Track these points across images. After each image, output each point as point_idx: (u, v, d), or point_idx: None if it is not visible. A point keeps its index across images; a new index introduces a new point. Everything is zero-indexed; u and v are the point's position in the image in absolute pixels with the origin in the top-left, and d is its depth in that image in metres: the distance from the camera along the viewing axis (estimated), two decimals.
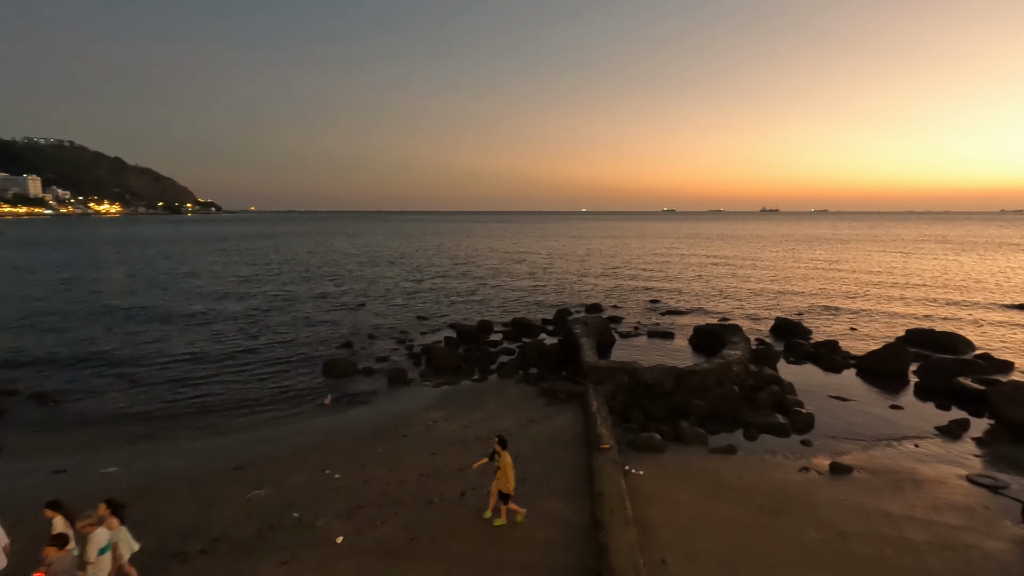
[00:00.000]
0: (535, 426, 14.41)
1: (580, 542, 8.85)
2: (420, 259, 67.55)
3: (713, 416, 15.09)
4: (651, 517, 9.61)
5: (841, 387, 18.39)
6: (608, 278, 48.63)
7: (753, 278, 49.12)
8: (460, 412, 15.66)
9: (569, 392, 16.61)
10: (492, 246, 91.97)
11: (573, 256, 72.35)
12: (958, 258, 68.75)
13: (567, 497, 10.41)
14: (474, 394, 17.56)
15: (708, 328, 24.22)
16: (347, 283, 44.73)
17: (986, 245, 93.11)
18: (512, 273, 52.52)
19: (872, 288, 42.48)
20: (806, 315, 31.09)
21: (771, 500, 10.51)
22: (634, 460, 12.03)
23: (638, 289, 41.64)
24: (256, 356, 22.33)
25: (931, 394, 17.61)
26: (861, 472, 11.90)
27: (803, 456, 12.85)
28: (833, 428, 14.69)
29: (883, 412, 16.18)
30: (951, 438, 14.09)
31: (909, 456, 12.95)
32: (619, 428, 13.91)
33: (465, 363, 20.79)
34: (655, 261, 65.20)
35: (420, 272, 53.19)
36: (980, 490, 11.19)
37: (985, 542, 9.23)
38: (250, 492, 10.78)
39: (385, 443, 13.37)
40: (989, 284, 44.51)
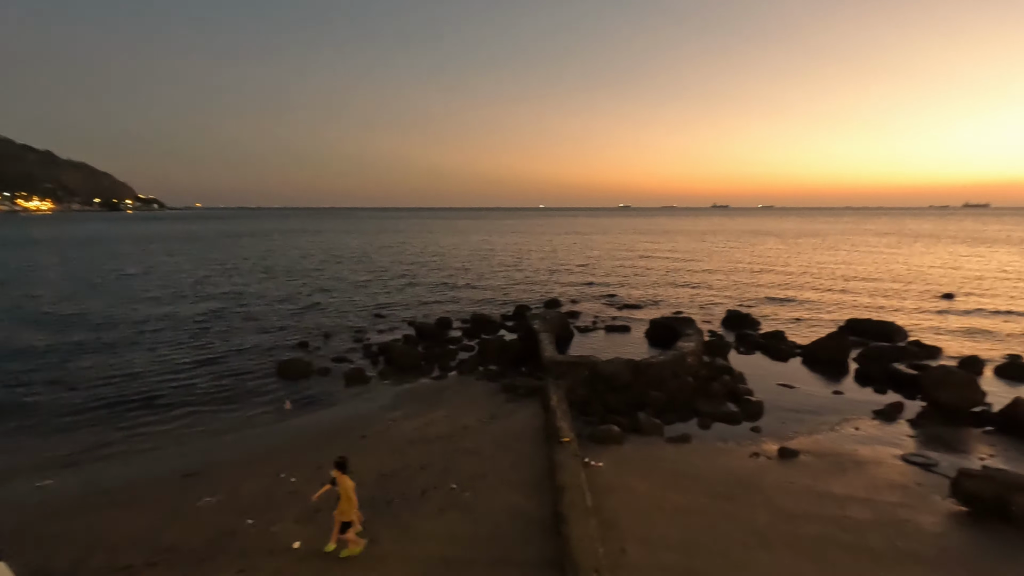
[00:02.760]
0: (496, 422, 14.45)
1: (543, 535, 8.93)
2: (379, 256, 66.33)
3: (669, 407, 15.50)
4: (611, 508, 9.80)
5: (788, 375, 19.23)
6: (566, 274, 49.16)
7: (705, 272, 50.64)
8: (420, 410, 15.52)
9: (529, 387, 16.72)
10: (453, 242, 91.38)
11: (531, 252, 72.68)
12: (894, 251, 72.98)
13: (529, 491, 10.49)
14: (434, 392, 17.44)
15: (663, 321, 24.83)
16: (303, 282, 43.42)
17: (919, 239, 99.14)
18: (472, 270, 52.35)
19: (815, 280, 44.55)
20: (755, 307, 32.30)
21: (724, 486, 10.89)
22: (594, 452, 12.23)
23: (596, 284, 42.26)
24: (208, 360, 21.32)
25: (869, 379, 18.62)
26: (807, 456, 12.47)
27: (754, 442, 13.37)
28: (781, 414, 15.34)
29: (826, 398, 17.02)
30: (887, 420, 14.96)
31: (850, 439, 13.67)
32: (579, 421, 14.10)
33: (424, 361, 20.61)
34: (612, 256, 66.30)
35: (379, 270, 52.25)
36: (914, 468, 11.93)
37: (919, 517, 9.85)
38: (201, 500, 10.37)
39: (343, 444, 13.08)
40: (921, 276, 47.39)
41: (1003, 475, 10.19)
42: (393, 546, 8.74)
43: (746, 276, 47.42)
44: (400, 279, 45.37)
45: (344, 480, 8.17)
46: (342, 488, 8.13)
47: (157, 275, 47.36)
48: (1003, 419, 14.21)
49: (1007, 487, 9.70)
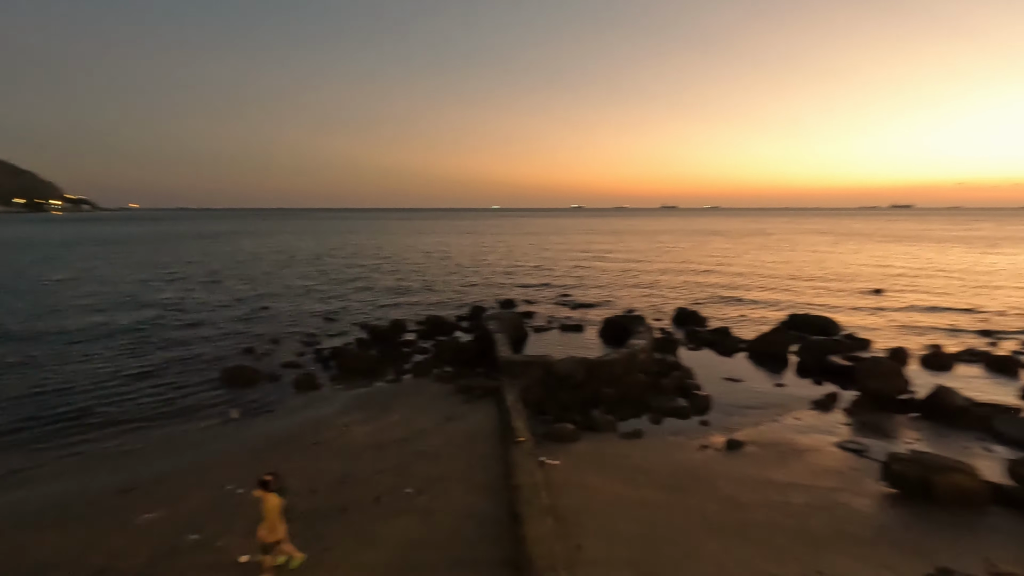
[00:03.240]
0: (452, 424, 14.38)
1: (501, 535, 8.95)
2: (332, 259, 64.58)
3: (622, 403, 15.83)
4: (567, 505, 9.92)
5: (734, 369, 20.01)
6: (521, 274, 49.45)
7: (656, 271, 52.03)
8: (375, 415, 15.27)
9: (485, 388, 16.73)
10: (408, 244, 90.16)
11: (487, 253, 72.69)
12: (829, 250, 77.11)
13: (486, 492, 10.49)
14: (389, 395, 17.19)
15: (615, 320, 25.36)
16: (250, 286, 41.62)
17: (851, 238, 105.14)
18: (427, 271, 51.85)
19: (759, 278, 46.54)
20: (703, 305, 33.41)
21: (676, 479, 11.23)
22: (549, 451, 12.35)
23: (550, 284, 42.69)
24: (146, 371, 20.02)
25: (808, 372, 19.61)
26: (752, 446, 13.02)
27: (703, 435, 13.84)
28: (728, 407, 15.94)
29: (769, 390, 17.82)
30: (824, 410, 15.81)
31: (791, 428, 14.36)
32: (534, 420, 14.19)
33: (378, 364, 20.27)
34: (566, 257, 67.13)
35: (331, 272, 50.90)
36: (848, 454, 12.66)
37: (854, 500, 10.46)
38: (140, 517, 9.84)
39: (294, 452, 12.73)
40: (853, 272, 50.28)
41: (927, 457, 10.95)
42: (347, 553, 8.56)
43: (694, 275, 49.02)
44: (353, 282, 44.38)
45: (269, 499, 7.63)
46: (266, 507, 7.60)
47: (88, 281, 44.32)
48: (927, 405, 15.27)
49: (930, 468, 10.44)
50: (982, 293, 37.94)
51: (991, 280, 44.56)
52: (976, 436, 13.71)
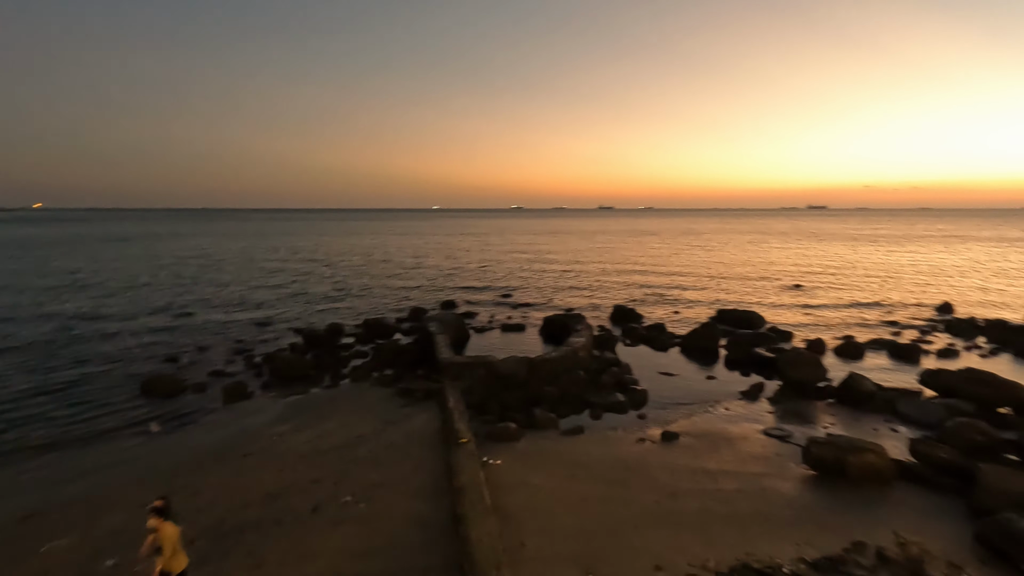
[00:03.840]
0: (393, 428, 14.09)
1: (444, 539, 8.85)
2: (265, 261, 61.62)
3: (563, 400, 16.06)
4: (509, 504, 9.95)
5: (668, 364, 20.77)
6: (462, 275, 49.21)
7: (594, 270, 53.20)
8: (311, 422, 14.72)
9: (426, 390, 16.52)
10: (347, 245, 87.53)
11: (427, 254, 71.83)
12: (754, 248, 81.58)
13: (429, 496, 10.35)
14: (326, 402, 16.63)
15: (555, 319, 25.73)
16: (174, 291, 38.91)
17: (773, 236, 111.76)
18: (366, 273, 50.55)
19: (691, 275, 48.59)
20: (639, 302, 34.49)
21: (615, 472, 11.51)
22: (492, 451, 12.35)
23: (491, 285, 42.74)
24: (55, 387, 18.23)
25: (736, 364, 20.65)
26: (686, 437, 13.54)
27: (640, 429, 14.26)
28: (663, 401, 16.52)
29: (701, 383, 18.61)
30: (751, 400, 16.69)
31: (722, 419, 15.07)
32: (477, 421, 14.15)
33: (314, 370, 19.57)
34: (507, 257, 67.43)
35: (264, 275, 48.51)
36: (773, 440, 13.42)
37: (779, 483, 11.11)
38: (46, 544, 9.01)
39: (223, 465, 12.07)
40: (776, 269, 53.46)
41: (842, 440, 11.79)
42: (282, 569, 8.20)
43: (631, 274, 50.50)
44: (288, 285, 42.56)
45: (165, 528, 6.90)
46: (162, 537, 6.86)
47: None
48: (841, 392, 16.44)
49: (844, 450, 11.25)
50: (887, 287, 41.35)
51: (895, 275, 48.67)
52: (883, 418, 14.91)
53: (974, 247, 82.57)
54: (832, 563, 8.23)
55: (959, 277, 47.27)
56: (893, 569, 8.10)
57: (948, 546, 8.81)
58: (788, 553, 8.52)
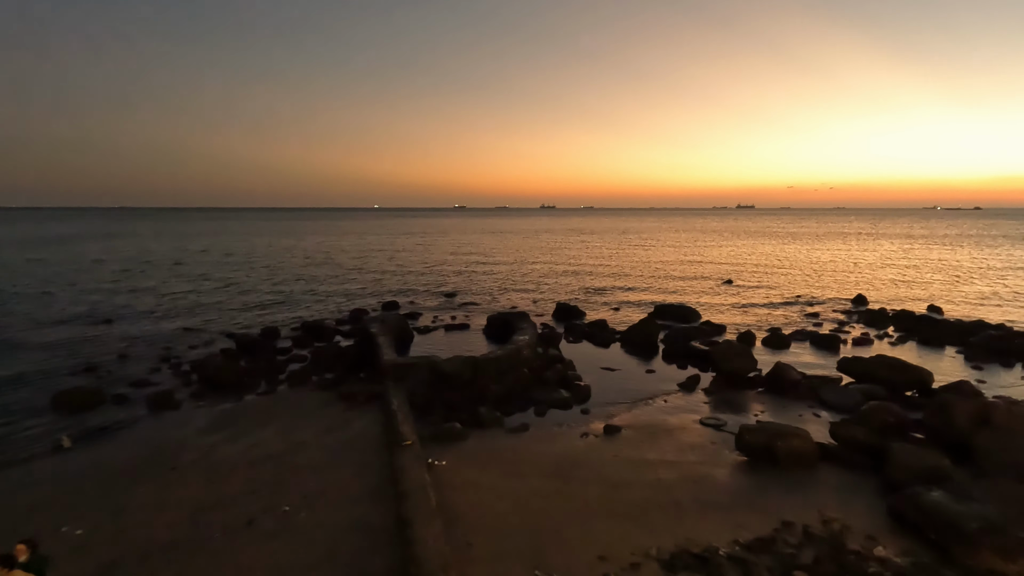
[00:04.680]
0: (334, 433, 13.66)
1: (388, 544, 8.66)
2: (196, 263, 57.91)
3: (508, 398, 16.11)
4: (456, 504, 9.88)
5: (610, 359, 21.27)
6: (404, 275, 48.42)
7: (537, 268, 53.72)
8: (246, 431, 14.02)
9: (368, 393, 16.12)
10: (285, 245, 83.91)
11: (369, 254, 70.17)
12: (689, 245, 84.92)
13: (373, 501, 10.10)
14: (262, 409, 15.88)
15: (499, 317, 25.78)
16: (94, 297, 35.95)
17: (706, 235, 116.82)
18: (305, 274, 48.74)
19: (630, 272, 50.00)
20: (581, 299, 35.12)
21: (560, 467, 11.66)
22: (437, 452, 12.21)
23: (434, 284, 42.29)
24: None
25: (674, 357, 21.40)
26: (628, 430, 13.90)
27: (584, 424, 14.51)
28: (606, 395, 16.87)
29: (641, 376, 19.17)
30: (688, 391, 17.35)
31: (661, 410, 15.57)
32: (421, 422, 13.95)
33: (248, 376, 18.64)
34: (450, 256, 66.94)
35: (195, 278, 45.63)
36: (709, 429, 14.01)
37: (714, 470, 11.60)
38: None
39: (148, 480, 11.29)
40: (709, 265, 55.87)
41: (770, 426, 12.47)
42: None
43: (573, 271, 51.37)
44: (219, 289, 40.28)
45: None
46: None
47: None
48: (769, 381, 17.38)
49: (773, 436, 11.90)
50: (810, 281, 44.12)
51: (816, 269, 51.99)
52: (807, 404, 15.87)
53: (885, 243, 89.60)
54: (764, 543, 8.69)
55: (871, 271, 51.12)
56: (818, 545, 8.65)
57: (865, 520, 9.50)
58: (724, 536, 8.92)
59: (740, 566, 8.03)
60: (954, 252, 71.30)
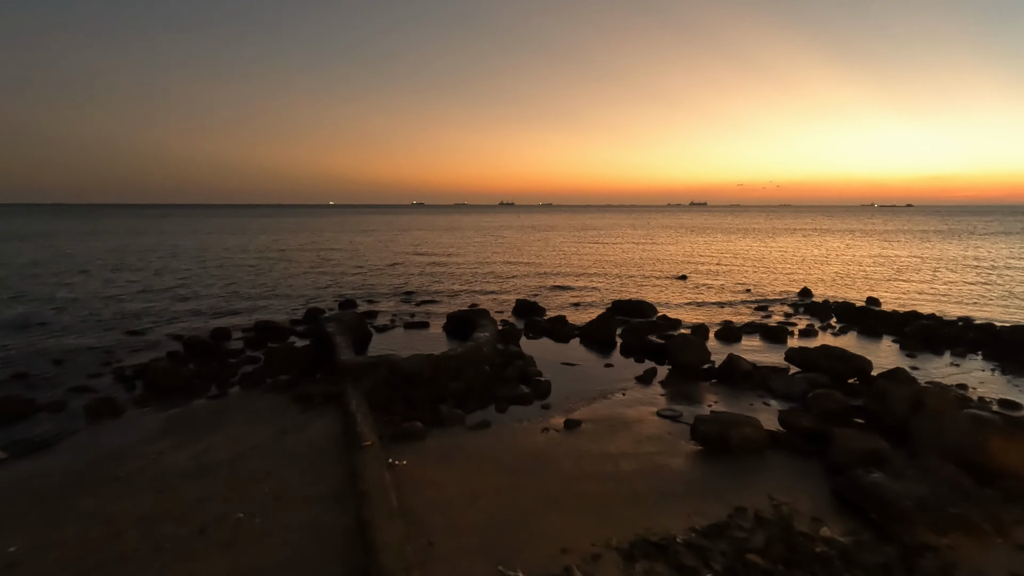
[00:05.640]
0: (289, 436, 13.31)
1: (348, 547, 8.52)
2: (140, 263, 54.60)
3: (469, 396, 16.08)
4: (417, 504, 9.79)
5: (570, 354, 21.52)
6: (361, 273, 47.49)
7: (497, 264, 53.70)
8: (195, 437, 13.48)
9: (326, 394, 15.78)
10: (237, 244, 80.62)
11: (325, 252, 68.47)
12: (644, 241, 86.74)
13: (331, 504, 9.90)
14: (212, 413, 15.31)
15: (459, 314, 25.68)
16: (23, 298, 33.77)
17: (663, 231, 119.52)
18: (256, 272, 47.04)
19: (589, 268, 50.62)
20: (541, 295, 35.37)
21: (521, 463, 11.73)
22: (397, 451, 12.08)
23: (392, 282, 41.66)
24: None
25: (631, 351, 21.84)
26: (588, 424, 14.11)
27: (544, 419, 14.64)
28: (566, 390, 17.06)
29: (600, 371, 19.48)
30: (646, 384, 17.76)
31: (619, 404, 15.88)
32: (381, 422, 13.76)
33: (197, 379, 17.92)
34: (408, 253, 66.12)
35: (140, 279, 43.18)
36: (665, 421, 14.38)
37: (671, 460, 11.92)
38: None
39: (89, 492, 10.70)
40: (664, 260, 57.22)
41: (724, 416, 12.90)
42: None
43: (533, 267, 51.62)
44: (167, 289, 38.23)
45: None
46: None
47: None
48: (722, 372, 17.99)
49: (725, 425, 12.32)
50: (759, 274, 45.82)
51: (765, 263, 54.03)
52: (758, 394, 16.52)
53: (827, 239, 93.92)
54: (718, 529, 8.99)
55: (816, 265, 53.50)
56: (768, 527, 9.02)
57: (811, 502, 9.97)
58: (681, 524, 9.18)
59: (696, 552, 8.29)
60: (890, 247, 75.42)
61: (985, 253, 64.33)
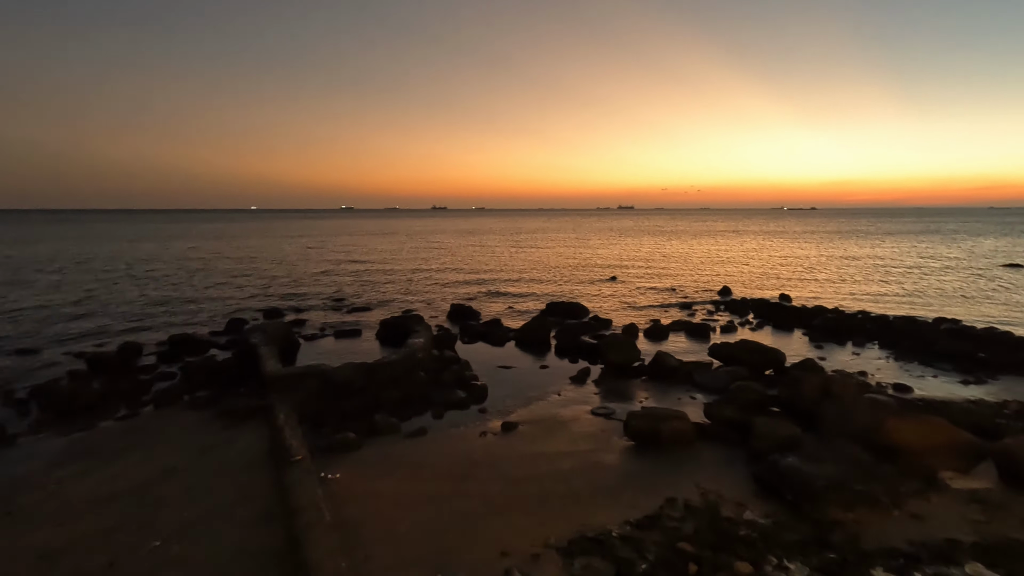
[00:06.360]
0: (211, 454, 12.52)
1: (279, 568, 8.12)
2: (35, 271, 49.21)
3: (404, 403, 15.80)
4: (352, 517, 9.50)
5: (505, 357, 21.63)
6: (287, 281, 45.43)
7: (431, 269, 53.15)
8: (103, 462, 12.38)
9: (251, 408, 15.00)
10: (151, 250, 74.67)
11: (247, 258, 65.00)
12: (576, 243, 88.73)
13: (259, 523, 9.41)
14: (122, 435, 14.12)
15: (393, 321, 25.18)
16: None
17: (594, 233, 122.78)
18: (171, 282, 43.88)
19: (523, 270, 51.13)
20: (476, 299, 35.34)
21: (460, 468, 11.66)
22: (331, 464, 11.68)
23: (321, 289, 40.20)
24: None
25: (565, 352, 22.27)
26: (525, 425, 14.25)
27: (482, 423, 14.63)
28: (502, 393, 17.13)
29: (536, 372, 19.73)
30: (580, 383, 18.16)
31: (555, 404, 16.14)
32: (312, 435, 13.25)
33: (104, 400, 16.49)
34: (338, 259, 64.05)
35: (32, 289, 39.02)
36: (600, 419, 14.76)
37: (606, 457, 12.25)
38: None
39: None
40: (595, 262, 58.80)
41: (654, 411, 13.43)
42: None
43: (467, 271, 51.48)
44: (71, 303, 34.75)
45: None
46: None
47: None
48: (652, 369, 18.71)
49: (656, 419, 12.83)
50: (684, 274, 48.09)
51: (689, 264, 56.77)
52: (685, 388, 17.31)
53: (744, 239, 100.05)
54: (651, 520, 9.34)
55: (734, 265, 56.85)
56: (698, 515, 9.46)
57: (735, 489, 10.57)
58: (616, 518, 9.45)
59: (631, 544, 8.56)
60: (800, 247, 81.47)
61: (880, 252, 70.90)
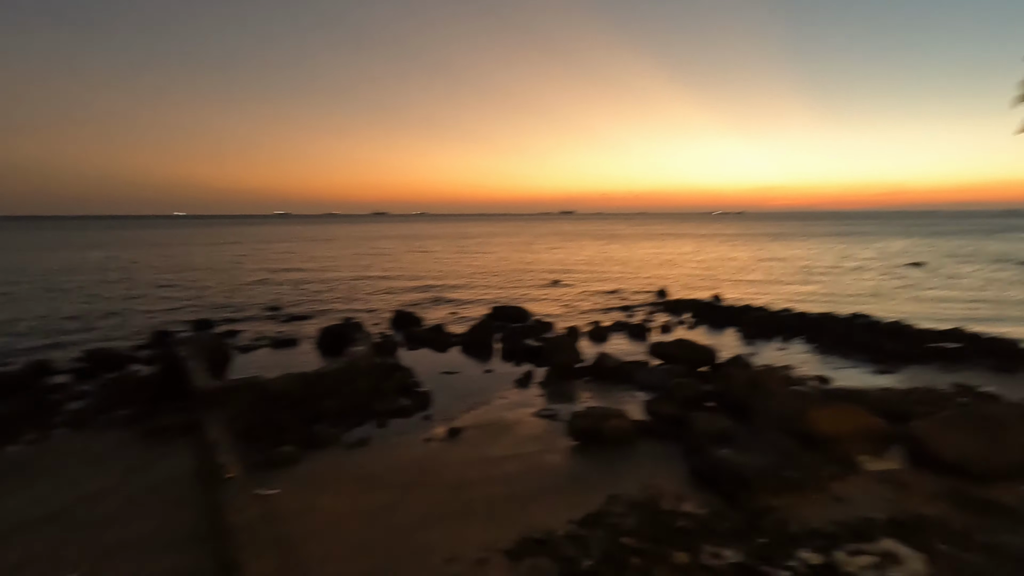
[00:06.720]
0: (136, 476, 11.71)
1: None
2: None
3: (346, 413, 15.36)
4: (292, 534, 9.15)
5: (449, 363, 21.48)
6: (216, 291, 43.17)
7: (371, 276, 52.02)
8: (7, 491, 11.31)
9: (179, 426, 14.14)
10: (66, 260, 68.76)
11: (171, 268, 61.24)
12: (520, 248, 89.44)
13: (190, 546, 8.88)
14: (30, 460, 12.95)
15: (332, 329, 24.49)
16: None
17: (536, 238, 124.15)
18: (89, 294, 40.68)
19: (465, 276, 51.02)
20: (418, 305, 34.89)
21: (406, 476, 11.47)
22: (268, 480, 11.19)
23: (256, 299, 38.45)
24: None
25: (510, 356, 22.38)
26: (470, 430, 14.19)
27: (426, 429, 14.45)
28: (447, 399, 16.98)
29: (480, 377, 19.70)
30: (524, 387, 18.29)
31: (500, 407, 16.18)
32: (248, 450, 12.62)
33: (8, 423, 15.07)
34: (273, 266, 61.57)
35: None
36: (544, 420, 14.92)
37: (550, 457, 12.41)
38: None
39: None
40: (537, 266, 59.49)
41: (596, 410, 13.73)
42: None
43: (409, 277, 50.78)
44: None
45: None
46: None
47: None
48: (594, 369, 19.12)
49: (598, 418, 13.14)
50: (623, 277, 49.51)
51: (627, 267, 58.49)
52: (626, 387, 17.79)
53: (679, 242, 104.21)
54: (595, 517, 9.53)
55: (670, 267, 59.08)
56: (639, 510, 9.74)
57: (674, 482, 10.97)
58: (561, 517, 9.58)
59: (576, 542, 8.70)
60: (731, 248, 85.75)
61: (802, 253, 75.78)
